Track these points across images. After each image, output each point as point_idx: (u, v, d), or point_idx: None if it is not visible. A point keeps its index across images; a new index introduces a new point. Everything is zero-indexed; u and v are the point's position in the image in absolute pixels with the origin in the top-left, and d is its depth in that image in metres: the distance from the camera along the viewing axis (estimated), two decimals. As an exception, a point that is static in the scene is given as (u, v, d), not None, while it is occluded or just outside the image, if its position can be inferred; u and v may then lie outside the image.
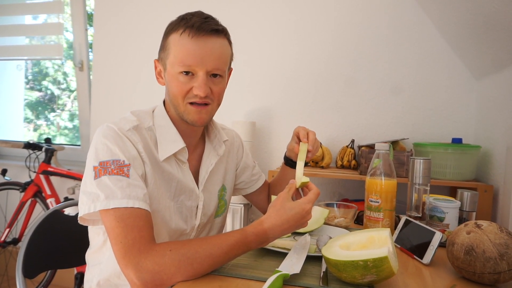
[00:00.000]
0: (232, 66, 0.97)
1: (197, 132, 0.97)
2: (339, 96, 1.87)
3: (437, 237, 0.86)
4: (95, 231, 0.92)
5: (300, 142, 0.98)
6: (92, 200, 0.76)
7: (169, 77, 0.87)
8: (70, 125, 2.82)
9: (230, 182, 1.09)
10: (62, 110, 2.84)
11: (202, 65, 0.83)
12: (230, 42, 0.91)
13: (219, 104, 0.92)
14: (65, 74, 2.87)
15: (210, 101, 0.88)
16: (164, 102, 0.95)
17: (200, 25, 0.82)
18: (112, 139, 0.81)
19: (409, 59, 1.78)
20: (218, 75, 0.87)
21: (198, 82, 0.84)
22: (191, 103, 0.86)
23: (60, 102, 2.86)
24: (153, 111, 0.94)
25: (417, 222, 0.96)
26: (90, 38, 2.44)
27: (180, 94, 0.86)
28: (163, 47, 0.89)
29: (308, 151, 0.97)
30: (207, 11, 0.91)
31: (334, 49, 1.87)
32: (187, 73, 0.84)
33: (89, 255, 0.96)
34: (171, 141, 0.89)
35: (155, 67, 0.93)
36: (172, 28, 0.86)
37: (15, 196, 2.37)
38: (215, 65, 0.85)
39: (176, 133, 0.90)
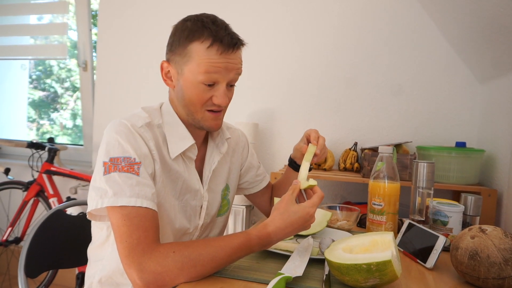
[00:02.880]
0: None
1: (202, 135, 0.98)
2: (342, 98, 1.87)
3: (441, 241, 0.86)
4: (98, 225, 0.92)
5: (309, 144, 0.98)
6: (100, 196, 0.75)
7: (187, 83, 0.86)
8: (70, 123, 2.83)
9: (234, 181, 1.09)
10: (64, 109, 2.85)
11: (226, 77, 0.85)
12: None
13: (227, 108, 0.94)
14: (69, 71, 2.88)
15: (224, 108, 0.90)
16: (170, 100, 0.94)
17: (229, 40, 0.83)
18: (124, 135, 0.80)
19: (412, 61, 1.77)
20: (233, 85, 0.90)
21: (219, 92, 0.86)
22: (208, 110, 0.88)
23: (62, 100, 2.87)
24: (160, 108, 0.94)
25: (420, 226, 0.96)
26: (94, 38, 2.45)
27: (200, 102, 0.86)
28: (180, 52, 0.85)
29: (315, 155, 0.97)
30: (210, 12, 0.91)
31: (337, 51, 1.87)
32: (210, 84, 0.85)
33: (91, 250, 0.95)
34: (181, 139, 0.90)
35: (162, 68, 0.90)
36: (193, 35, 0.83)
37: (18, 195, 2.37)
38: (236, 77, 0.88)
39: (185, 130, 0.91)
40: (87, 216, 0.85)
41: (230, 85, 0.89)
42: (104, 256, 0.90)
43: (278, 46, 1.95)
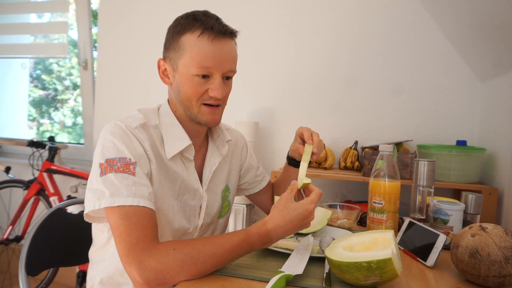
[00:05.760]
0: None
1: (202, 133, 0.97)
2: (342, 97, 1.87)
3: (441, 239, 0.86)
4: (99, 228, 0.92)
5: (305, 144, 0.98)
6: (98, 197, 0.76)
7: (182, 78, 0.86)
8: (70, 121, 2.83)
9: (233, 182, 1.09)
10: (64, 105, 2.85)
11: (220, 68, 0.85)
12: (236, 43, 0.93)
13: (225, 104, 0.93)
14: (70, 68, 2.88)
15: (222, 102, 0.90)
16: (168, 100, 0.95)
17: (219, 28, 0.83)
18: (119, 136, 0.81)
19: (412, 60, 1.77)
20: (230, 77, 0.89)
21: (215, 84, 0.85)
22: (205, 104, 0.87)
23: (63, 97, 2.87)
24: (158, 109, 0.94)
25: (421, 224, 0.96)
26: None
27: (195, 96, 0.86)
28: (174, 47, 0.86)
29: (312, 153, 0.96)
30: (210, 11, 0.91)
31: (337, 50, 1.87)
32: (204, 76, 0.84)
33: (92, 253, 0.96)
34: (178, 139, 0.89)
35: (159, 66, 0.92)
36: (185, 28, 0.85)
37: (18, 194, 2.37)
38: (230, 67, 0.87)
39: (183, 131, 0.91)
40: (84, 218, 0.84)
41: (226, 78, 0.88)
42: (106, 258, 0.91)
43: (278, 45, 1.95)
